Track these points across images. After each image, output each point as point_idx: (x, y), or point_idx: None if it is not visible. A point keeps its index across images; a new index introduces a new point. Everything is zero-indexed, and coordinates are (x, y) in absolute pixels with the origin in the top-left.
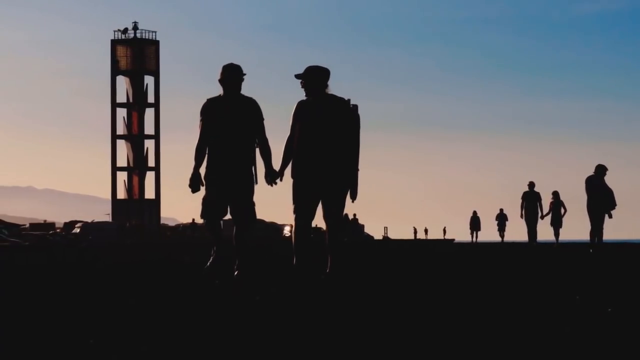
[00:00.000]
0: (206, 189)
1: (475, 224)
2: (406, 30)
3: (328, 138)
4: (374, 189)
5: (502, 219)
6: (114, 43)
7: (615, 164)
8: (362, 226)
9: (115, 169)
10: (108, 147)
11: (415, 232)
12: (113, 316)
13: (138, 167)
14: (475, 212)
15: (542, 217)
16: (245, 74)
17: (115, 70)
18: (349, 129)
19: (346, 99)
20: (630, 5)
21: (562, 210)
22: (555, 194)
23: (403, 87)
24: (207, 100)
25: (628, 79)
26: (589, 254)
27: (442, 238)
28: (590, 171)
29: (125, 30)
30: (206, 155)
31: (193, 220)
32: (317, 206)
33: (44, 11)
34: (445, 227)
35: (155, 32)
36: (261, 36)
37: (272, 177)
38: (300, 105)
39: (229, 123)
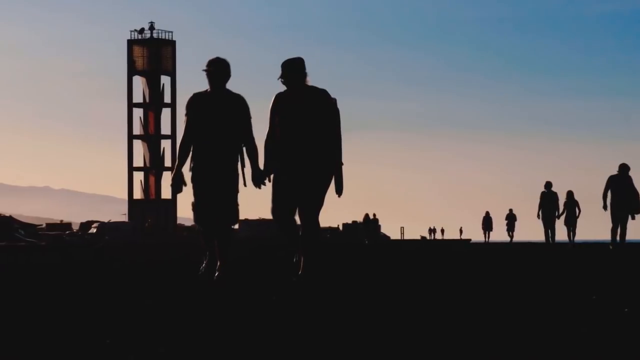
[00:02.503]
0: (194, 192)
1: (487, 224)
2: (420, 30)
3: (308, 131)
4: (389, 189)
5: (511, 219)
6: (131, 43)
7: (631, 164)
8: (379, 226)
9: (131, 169)
10: (124, 147)
11: (432, 232)
12: (130, 316)
13: (154, 167)
14: (487, 213)
15: (558, 216)
16: (221, 70)
17: (132, 71)
18: (329, 120)
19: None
20: None
21: (577, 211)
22: (570, 194)
23: (417, 87)
24: (193, 94)
25: None
26: (608, 251)
27: (459, 238)
28: (604, 171)
29: (141, 31)
30: (191, 154)
31: None
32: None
33: (61, 12)
34: (461, 227)
35: (172, 32)
36: (277, 36)
37: (260, 178)
38: (278, 98)
39: (215, 119)
